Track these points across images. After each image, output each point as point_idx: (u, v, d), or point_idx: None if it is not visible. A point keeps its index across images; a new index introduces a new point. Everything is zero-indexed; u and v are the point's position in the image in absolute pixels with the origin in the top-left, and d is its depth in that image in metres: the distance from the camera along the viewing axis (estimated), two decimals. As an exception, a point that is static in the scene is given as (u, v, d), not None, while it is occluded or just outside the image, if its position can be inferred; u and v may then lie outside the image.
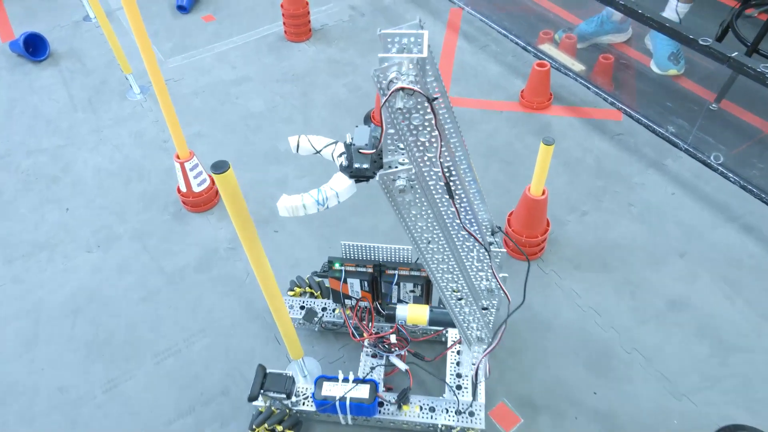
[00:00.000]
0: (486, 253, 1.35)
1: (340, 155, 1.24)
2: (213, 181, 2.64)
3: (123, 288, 2.32)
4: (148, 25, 3.78)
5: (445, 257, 1.37)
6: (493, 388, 1.97)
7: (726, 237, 2.40)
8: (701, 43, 2.43)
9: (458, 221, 1.27)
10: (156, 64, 2.18)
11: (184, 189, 2.53)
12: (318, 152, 1.30)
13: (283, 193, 1.22)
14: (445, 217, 1.27)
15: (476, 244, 1.33)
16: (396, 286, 1.91)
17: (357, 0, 3.90)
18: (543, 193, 2.17)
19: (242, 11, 3.85)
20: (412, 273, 1.89)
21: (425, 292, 1.93)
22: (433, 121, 1.05)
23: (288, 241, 2.49)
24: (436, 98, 1.01)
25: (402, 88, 0.98)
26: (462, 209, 1.25)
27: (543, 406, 1.93)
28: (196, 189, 2.53)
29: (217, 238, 2.50)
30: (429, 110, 1.03)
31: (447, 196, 1.21)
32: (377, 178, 1.17)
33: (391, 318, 1.75)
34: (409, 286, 1.91)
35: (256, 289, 2.19)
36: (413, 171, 1.15)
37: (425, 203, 1.23)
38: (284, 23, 3.52)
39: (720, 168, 2.65)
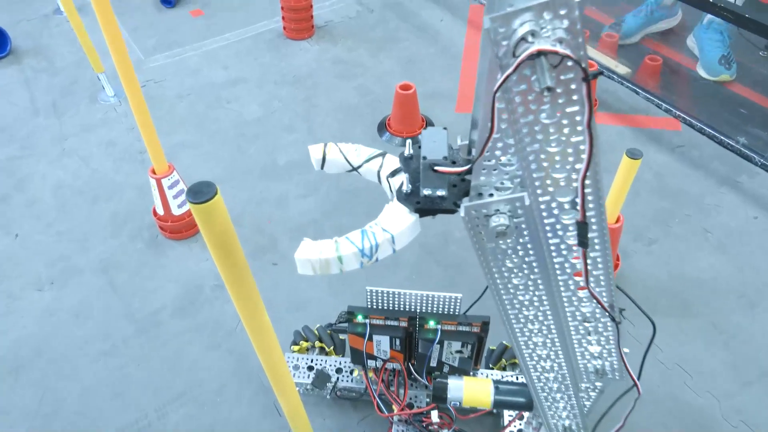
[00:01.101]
0: (609, 326, 0.88)
1: (394, 175, 0.78)
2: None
3: (80, 338, 1.83)
4: (129, 19, 3.32)
5: (543, 328, 0.90)
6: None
7: (830, 272, 1.96)
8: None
9: (579, 278, 0.80)
10: (126, 57, 1.73)
11: (161, 211, 2.05)
12: (355, 169, 0.84)
13: (305, 238, 0.75)
14: (558, 272, 0.80)
15: (596, 315, 0.86)
16: (438, 345, 1.44)
17: (365, -5, 3.46)
18: (618, 221, 1.72)
19: (236, 5, 3.40)
20: (461, 329, 1.42)
21: (476, 352, 1.46)
22: (585, 117, 0.58)
23: (291, 276, 2.01)
24: (600, 72, 0.55)
25: (545, 52, 0.51)
26: (590, 262, 0.78)
27: (632, 504, 1.45)
28: (176, 211, 2.04)
29: (201, 272, 2.01)
30: (581, 96, 0.57)
31: (572, 244, 0.74)
32: (461, 212, 0.71)
33: (440, 396, 1.27)
34: (456, 345, 1.44)
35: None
36: (526, 201, 0.69)
37: (532, 253, 0.77)
38: (284, 18, 3.07)
39: (807, 187, 2.21)
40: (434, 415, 1.42)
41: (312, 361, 1.64)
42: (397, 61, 2.98)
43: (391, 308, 1.44)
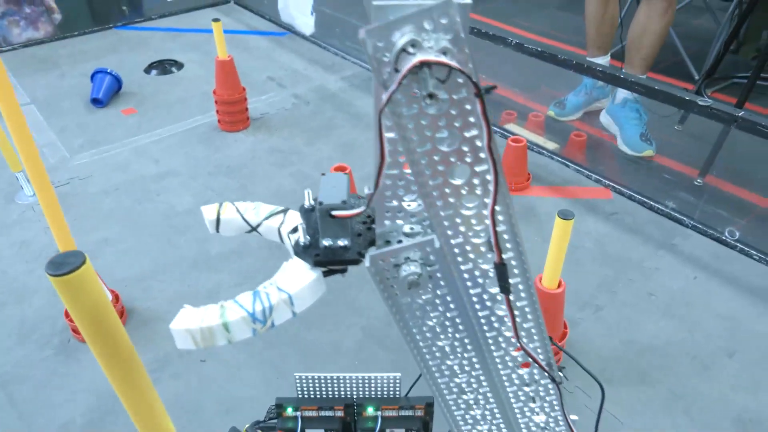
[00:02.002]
0: (551, 389, 0.79)
1: (295, 231, 0.69)
2: (117, 298, 1.98)
3: (-33, 467, 1.56)
4: (57, 120, 3.24)
5: (479, 397, 0.80)
6: None
7: (775, 327, 1.95)
8: (701, 103, 2.13)
9: (510, 334, 0.71)
10: (35, 154, 1.63)
11: (74, 311, 1.85)
12: (254, 229, 0.75)
13: (185, 304, 0.64)
14: (486, 328, 0.71)
15: (534, 377, 0.77)
16: (380, 436, 1.29)
17: (301, 89, 3.55)
18: (559, 285, 1.67)
19: (171, 102, 3.39)
20: (403, 413, 1.28)
21: (423, 439, 1.31)
22: (485, 139, 0.53)
23: (220, 373, 1.82)
24: (492, 87, 0.50)
25: (430, 63, 0.47)
26: (518, 313, 0.70)
27: None
28: (92, 310, 1.86)
29: (119, 376, 1.79)
30: (477, 115, 0.52)
31: (495, 293, 0.66)
32: (367, 262, 0.62)
33: (381, 497, 1.11)
34: (400, 433, 1.29)
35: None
36: (436, 244, 0.61)
37: (453, 305, 0.68)
38: (218, 112, 3.07)
39: (738, 245, 2.26)
40: None
41: (241, 469, 1.44)
42: (334, 147, 2.99)
43: (324, 396, 1.29)
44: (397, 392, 1.30)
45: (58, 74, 3.67)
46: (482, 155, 0.55)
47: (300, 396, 1.30)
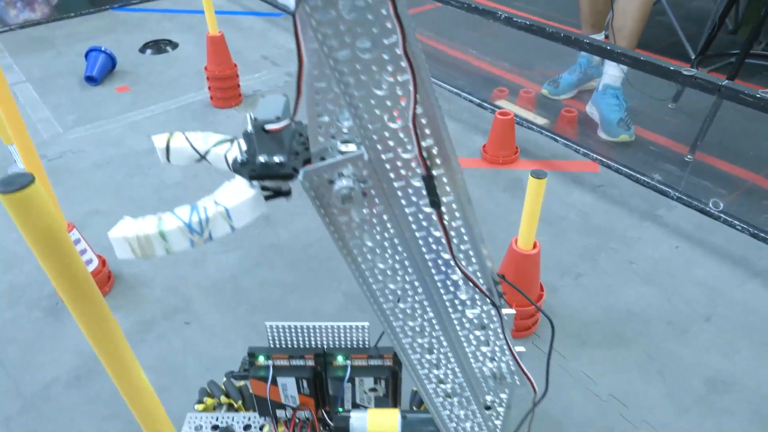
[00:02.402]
0: (493, 315, 0.81)
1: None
2: (103, 263, 2.02)
3: (-46, 420, 1.60)
4: (52, 97, 3.28)
5: (425, 325, 0.82)
6: None
7: (754, 296, 1.96)
8: (685, 73, 2.13)
9: (448, 257, 0.74)
10: (19, 120, 1.66)
11: (61, 274, 1.89)
12: (203, 157, 0.77)
13: (125, 216, 0.67)
14: (424, 251, 0.74)
15: (476, 302, 0.79)
16: (349, 384, 1.32)
17: (294, 67, 3.55)
18: (534, 246, 1.68)
19: (165, 81, 3.42)
20: (372, 362, 1.31)
21: (392, 390, 1.34)
22: (400, 43, 0.55)
23: (203, 335, 1.86)
24: (402, -12, 0.52)
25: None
26: (455, 234, 0.72)
27: None
28: (79, 273, 1.90)
29: (105, 337, 1.83)
30: (390, 16, 0.54)
31: (429, 211, 0.69)
32: (301, 177, 0.65)
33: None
34: (369, 382, 1.32)
35: (152, 406, 1.52)
36: (365, 158, 0.63)
37: (390, 225, 0.71)
38: (210, 88, 3.09)
39: (722, 216, 2.27)
40: (348, 466, 1.27)
41: (217, 419, 1.48)
42: (324, 123, 3.01)
43: (295, 346, 1.33)
44: (366, 342, 1.33)
45: (54, 54, 3.70)
46: (403, 64, 0.57)
47: (272, 345, 1.33)
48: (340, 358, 1.31)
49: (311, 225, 2.31)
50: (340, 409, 1.20)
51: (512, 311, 0.93)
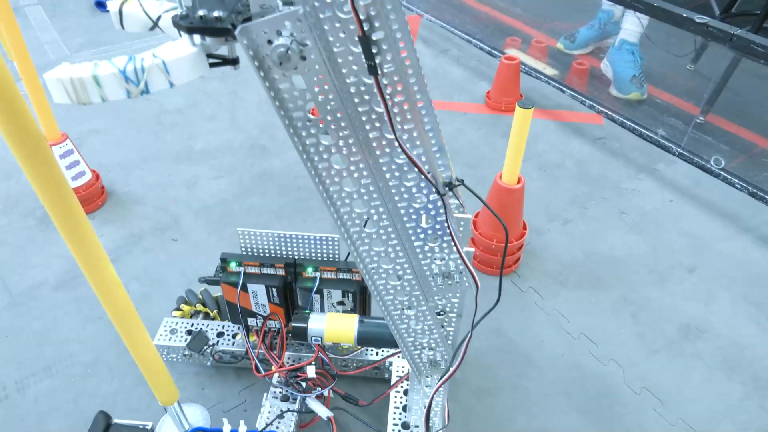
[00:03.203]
0: (440, 206, 0.81)
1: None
2: (97, 177, 2.06)
3: (-55, 310, 1.67)
4: (61, 21, 3.28)
5: (373, 209, 0.83)
6: (456, 445, 1.38)
7: (742, 250, 1.94)
8: (697, 20, 2.05)
9: (392, 139, 0.73)
10: (20, 38, 1.67)
11: (54, 183, 1.93)
12: (155, 24, 0.77)
13: (63, 62, 0.68)
14: (367, 127, 0.74)
15: (423, 191, 0.79)
16: (317, 296, 1.34)
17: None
18: (519, 181, 1.67)
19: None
20: (341, 276, 1.33)
21: (360, 305, 1.36)
22: None
23: (188, 251, 1.90)
24: None
25: None
26: (398, 111, 0.72)
27: (527, 472, 1.34)
28: (70, 184, 1.93)
29: (93, 247, 1.88)
30: None
31: (370, 83, 0.68)
32: (237, 33, 0.65)
33: (300, 333, 1.16)
34: (337, 295, 1.34)
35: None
36: (300, 12, 0.63)
37: (332, 98, 0.70)
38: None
39: (722, 173, 2.23)
40: (310, 371, 1.31)
41: (192, 325, 1.52)
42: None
43: (267, 254, 1.35)
44: (336, 256, 1.34)
45: (66, -22, 3.68)
46: None
47: (243, 252, 1.36)
48: (309, 270, 1.33)
49: (305, 157, 2.31)
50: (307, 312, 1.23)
51: (468, 216, 0.93)
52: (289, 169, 2.26)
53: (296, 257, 1.35)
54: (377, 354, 1.45)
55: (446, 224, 0.83)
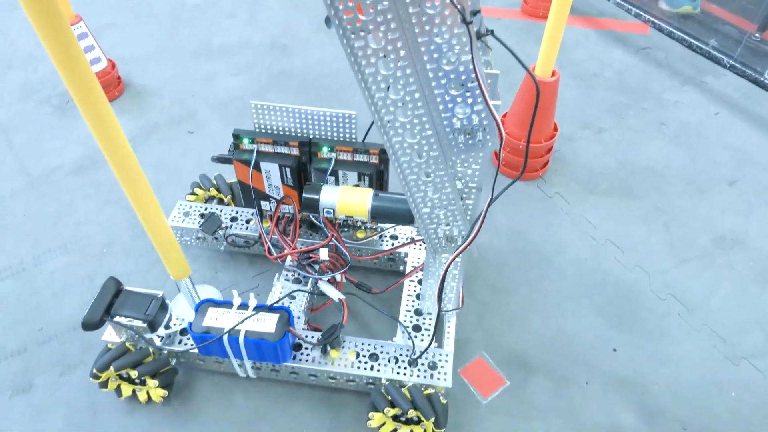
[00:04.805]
0: (464, 38, 0.72)
1: None
2: (113, 65, 2.00)
3: (-36, 188, 1.68)
4: None
5: (390, 44, 0.75)
6: (469, 337, 1.35)
7: (789, 165, 1.81)
8: None
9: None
10: None
11: (70, 69, 1.88)
12: None
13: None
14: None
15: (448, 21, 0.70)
16: (332, 178, 1.28)
17: None
18: (553, 74, 1.55)
19: None
20: (358, 158, 1.27)
21: (375, 188, 1.30)
22: None
23: (203, 143, 1.85)
24: None
25: None
26: None
27: (538, 366, 1.31)
28: (86, 69, 1.88)
29: (110, 136, 1.85)
30: None
31: None
32: None
33: (311, 204, 1.11)
34: (352, 177, 1.28)
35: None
36: None
37: None
38: None
39: (776, 87, 2.05)
40: (323, 253, 1.27)
41: (205, 209, 1.49)
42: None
43: (281, 131, 1.28)
44: (354, 136, 1.27)
45: None
46: None
47: (257, 129, 1.30)
48: (325, 150, 1.27)
49: (327, 56, 2.21)
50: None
51: (497, 72, 0.85)
52: (310, 69, 2.16)
53: (311, 136, 1.28)
54: (391, 245, 1.41)
55: (471, 64, 0.74)
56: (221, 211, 1.49)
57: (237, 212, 1.49)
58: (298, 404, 1.23)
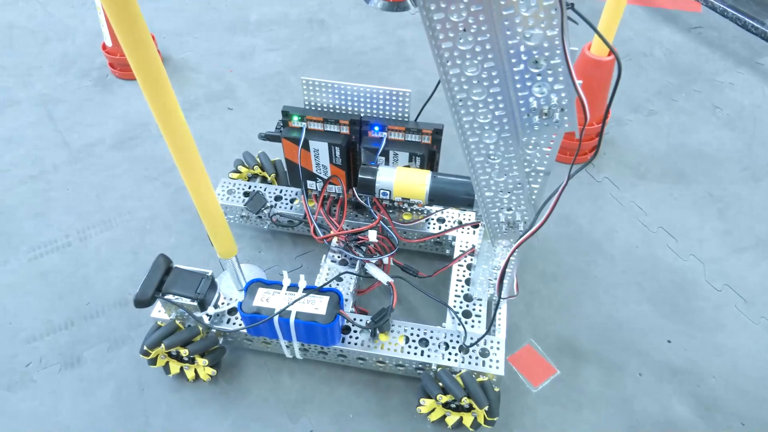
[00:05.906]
0: (556, 10, 0.68)
1: None
2: (152, 39, 1.97)
3: (7, 162, 1.68)
4: None
5: (477, 36, 0.71)
6: (518, 324, 1.33)
7: None
8: None
9: None
10: None
11: (109, 42, 1.87)
12: None
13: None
14: None
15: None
16: (382, 158, 1.25)
17: None
18: (609, 54, 1.49)
19: None
20: (409, 138, 1.23)
21: (426, 169, 1.26)
22: None
23: (243, 119, 1.83)
24: None
25: None
26: None
27: (590, 354, 1.28)
28: (126, 43, 1.86)
29: (149, 112, 1.83)
30: None
31: None
32: None
33: (368, 185, 1.08)
34: (403, 158, 1.25)
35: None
36: None
37: None
38: None
39: (836, 70, 1.96)
40: (372, 235, 1.24)
41: (249, 187, 1.47)
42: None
43: (332, 108, 1.25)
44: (406, 115, 1.24)
45: None
46: None
47: (306, 107, 1.26)
48: (376, 129, 1.24)
49: (367, 33, 2.16)
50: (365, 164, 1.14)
51: (577, 49, 0.80)
52: (349, 45, 2.11)
53: (362, 114, 1.25)
54: (439, 227, 1.37)
55: (558, 40, 0.70)
56: (265, 189, 1.47)
57: (281, 191, 1.46)
58: (344, 387, 1.22)
